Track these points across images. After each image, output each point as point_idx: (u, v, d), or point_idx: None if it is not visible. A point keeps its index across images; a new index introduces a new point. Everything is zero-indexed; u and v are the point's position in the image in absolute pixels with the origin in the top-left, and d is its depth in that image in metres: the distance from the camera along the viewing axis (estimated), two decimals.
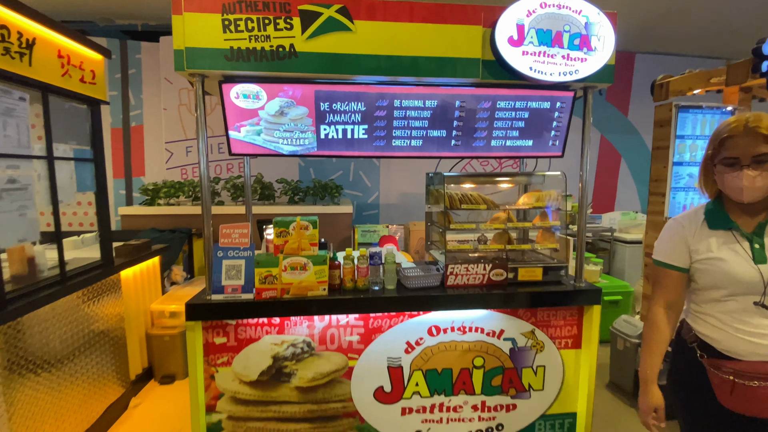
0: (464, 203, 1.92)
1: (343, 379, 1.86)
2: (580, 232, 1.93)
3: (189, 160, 4.99)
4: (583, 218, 1.93)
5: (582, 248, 1.94)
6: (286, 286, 1.73)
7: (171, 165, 4.99)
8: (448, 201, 1.91)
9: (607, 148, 5.85)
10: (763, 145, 1.05)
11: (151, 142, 5.05)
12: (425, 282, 1.88)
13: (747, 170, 1.06)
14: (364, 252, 1.84)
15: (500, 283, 1.91)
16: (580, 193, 1.93)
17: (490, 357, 1.92)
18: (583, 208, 1.92)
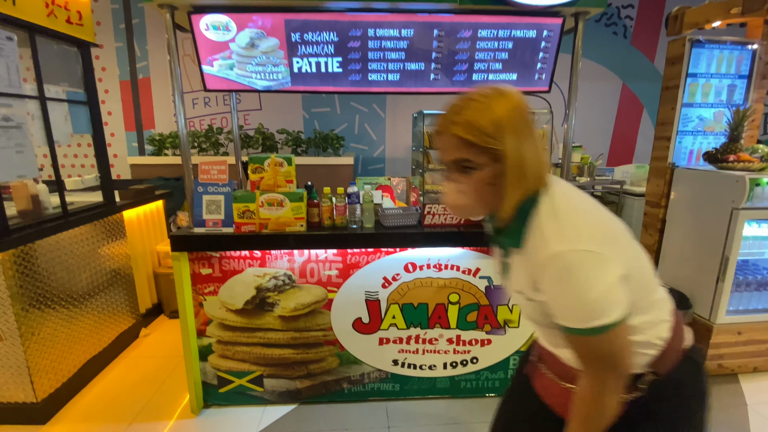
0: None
1: (324, 310, 1.96)
2: (565, 164, 1.88)
3: (196, 113, 5.04)
4: (567, 157, 1.86)
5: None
6: (264, 221, 1.79)
7: None
8: (427, 139, 1.88)
9: (629, 98, 5.50)
10: (460, 149, 0.76)
11: (159, 95, 5.09)
12: (402, 221, 1.90)
13: (445, 181, 0.83)
14: (341, 190, 1.87)
15: (477, 222, 1.91)
16: (565, 134, 1.85)
17: (466, 294, 1.97)
18: (568, 147, 1.85)
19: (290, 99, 4.88)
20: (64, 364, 2.10)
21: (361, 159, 5.16)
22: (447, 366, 2.07)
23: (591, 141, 5.23)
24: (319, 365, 2.03)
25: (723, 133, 2.49)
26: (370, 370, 2.05)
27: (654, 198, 2.72)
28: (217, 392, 2.05)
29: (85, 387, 2.23)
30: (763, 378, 2.32)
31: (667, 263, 2.62)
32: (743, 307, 2.36)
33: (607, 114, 5.47)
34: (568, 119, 1.83)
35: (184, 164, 1.81)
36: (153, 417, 2.01)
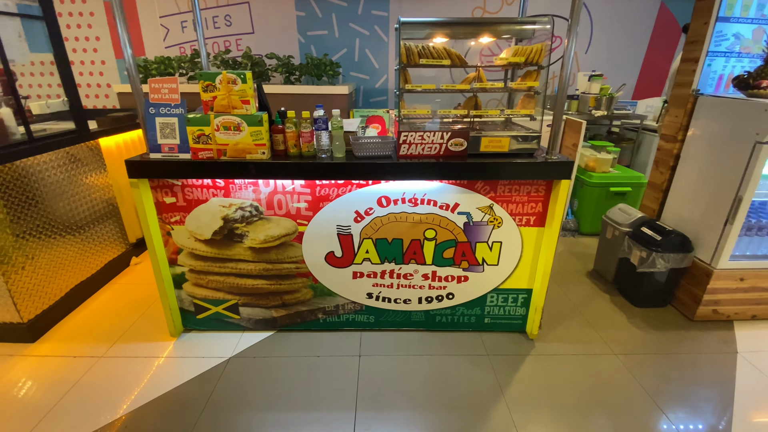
0: (424, 57, 1.64)
1: (295, 243, 1.90)
2: (561, 95, 1.64)
3: (186, 37, 4.71)
4: (564, 82, 1.60)
5: (559, 115, 1.66)
6: (222, 147, 1.66)
7: (169, 43, 4.75)
8: (405, 54, 1.64)
9: (666, 20, 4.81)
10: None
11: (145, 18, 4.74)
12: (375, 150, 1.73)
13: None
14: (306, 114, 1.69)
15: (459, 154, 1.73)
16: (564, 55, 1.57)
17: (443, 230, 1.86)
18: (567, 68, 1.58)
19: (284, 21, 4.47)
20: (49, 288, 2.16)
21: (362, 90, 4.84)
22: (422, 300, 2.03)
23: (617, 69, 4.70)
24: (293, 296, 2.02)
25: (761, 55, 2.13)
26: (345, 302, 2.04)
27: (670, 131, 2.44)
28: (195, 318, 2.09)
29: (74, 310, 2.32)
30: (760, 326, 2.22)
31: (674, 204, 2.42)
32: (751, 252, 2.19)
33: (638, 38, 4.83)
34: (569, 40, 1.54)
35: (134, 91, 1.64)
36: (135, 338, 2.08)
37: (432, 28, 1.71)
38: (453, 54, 1.64)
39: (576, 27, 1.53)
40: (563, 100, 1.63)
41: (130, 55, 1.62)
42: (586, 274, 2.79)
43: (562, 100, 1.63)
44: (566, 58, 1.55)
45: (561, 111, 1.65)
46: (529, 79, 1.72)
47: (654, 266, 2.20)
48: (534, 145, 1.75)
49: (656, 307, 2.40)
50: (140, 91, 1.66)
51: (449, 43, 1.74)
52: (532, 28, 1.78)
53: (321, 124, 1.68)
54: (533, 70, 1.73)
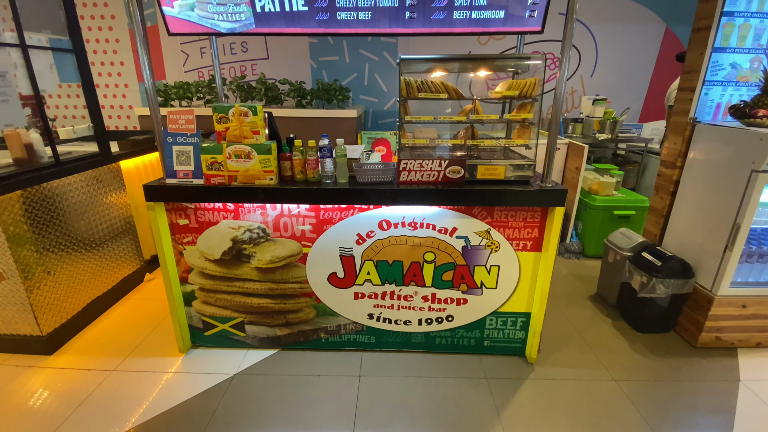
0: (423, 91, 1.74)
1: (299, 264, 1.98)
2: (553, 125, 1.71)
3: (205, 62, 4.96)
4: (558, 109, 1.68)
5: (552, 144, 1.73)
6: (233, 174, 1.77)
7: (188, 68, 5.00)
8: (405, 88, 1.75)
9: (671, 44, 4.88)
10: None
11: (167, 44, 5.02)
12: (377, 177, 1.82)
13: None
14: (312, 143, 1.80)
15: (456, 181, 1.81)
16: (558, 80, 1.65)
17: (442, 253, 1.92)
18: (559, 97, 1.66)
19: (297, 47, 4.69)
20: (68, 302, 2.28)
21: (371, 112, 4.99)
22: (422, 322, 2.08)
23: (622, 93, 4.76)
24: (297, 315, 2.09)
25: (758, 84, 2.18)
26: (346, 322, 2.09)
27: (670, 158, 2.48)
28: (203, 335, 2.17)
29: (90, 324, 2.43)
30: (764, 354, 2.20)
31: (675, 229, 2.44)
32: (753, 279, 2.19)
33: (644, 62, 4.89)
34: (561, 67, 1.63)
35: (153, 117, 1.78)
36: (147, 353, 2.17)
37: (430, 63, 1.82)
38: (450, 88, 1.74)
39: (567, 64, 1.61)
40: (556, 128, 1.70)
41: (151, 84, 1.76)
42: (589, 297, 2.80)
43: (555, 129, 1.71)
44: (558, 91, 1.63)
45: (554, 138, 1.72)
46: (523, 111, 1.80)
47: (654, 292, 2.21)
48: (529, 172, 1.82)
49: (658, 332, 2.40)
50: (159, 118, 1.79)
51: (448, 77, 1.84)
52: (526, 64, 1.87)
53: (326, 152, 1.79)
54: (527, 102, 1.81)
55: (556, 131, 1.71)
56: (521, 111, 1.82)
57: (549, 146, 1.73)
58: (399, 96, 1.77)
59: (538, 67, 1.78)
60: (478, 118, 1.78)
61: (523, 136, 1.84)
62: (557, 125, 1.70)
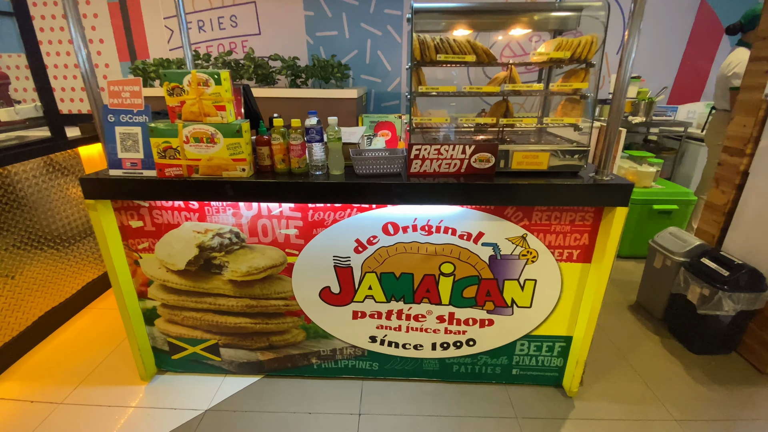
0: (443, 53, 1.31)
1: (283, 276, 1.58)
2: (615, 103, 1.28)
3: (191, 39, 4.50)
4: (622, 84, 1.25)
5: (614, 128, 1.30)
6: (193, 163, 1.36)
7: (173, 45, 4.55)
8: (418, 49, 1.31)
9: (706, 17, 4.35)
10: None
11: (150, 19, 4.56)
12: (381, 167, 1.41)
13: None
14: (297, 123, 1.38)
15: (485, 171, 1.39)
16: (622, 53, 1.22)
17: (463, 264, 1.51)
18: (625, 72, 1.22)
19: (292, 21, 4.21)
20: (14, 315, 1.90)
21: (373, 94, 4.53)
22: (436, 347, 1.69)
23: (651, 71, 4.27)
24: (282, 337, 1.70)
25: None
26: (343, 346, 1.71)
27: (736, 143, 2.04)
28: (170, 359, 1.79)
29: (43, 341, 2.06)
30: None
31: (741, 230, 2.01)
32: None
33: (676, 37, 4.37)
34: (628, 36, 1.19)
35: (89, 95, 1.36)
36: (104, 380, 1.80)
37: (452, 17, 1.38)
38: (479, 48, 1.31)
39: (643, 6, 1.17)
40: (621, 103, 1.27)
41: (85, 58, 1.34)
42: (628, 307, 2.40)
43: (619, 104, 1.27)
44: (627, 51, 1.20)
45: (618, 118, 1.29)
46: (574, 80, 1.36)
47: (719, 308, 1.81)
48: (580, 161, 1.39)
49: (718, 353, 2.00)
50: (97, 95, 1.38)
51: (472, 36, 1.40)
52: (577, 15, 1.42)
53: (314, 134, 1.37)
54: (580, 68, 1.37)
55: (620, 105, 1.27)
56: (571, 79, 1.38)
57: (609, 126, 1.31)
58: (410, 60, 1.34)
59: (595, 22, 1.34)
60: (514, 89, 1.34)
61: (572, 113, 1.41)
62: (622, 96, 1.27)
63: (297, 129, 1.37)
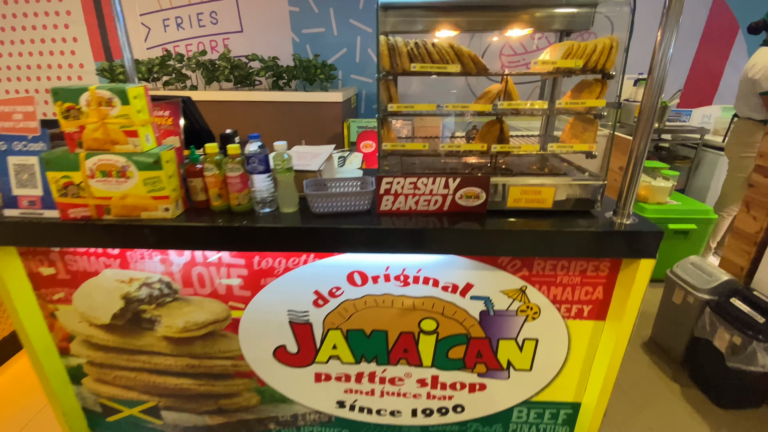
0: (419, 61, 1.02)
1: (228, 333, 1.30)
2: (643, 123, 0.99)
3: (169, 36, 4.21)
4: (652, 98, 0.96)
5: (640, 156, 1.01)
6: (103, 202, 1.07)
7: (151, 44, 4.26)
8: (387, 56, 1.02)
9: (721, 14, 4.02)
10: None
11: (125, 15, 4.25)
12: (342, 204, 1.12)
13: None
14: (234, 150, 1.08)
15: (474, 210, 1.10)
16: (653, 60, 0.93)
17: (448, 321, 1.23)
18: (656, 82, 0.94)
19: (276, 17, 3.91)
20: None
21: (364, 95, 4.23)
22: (417, 413, 1.40)
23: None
24: (233, 401, 1.42)
25: None
26: (306, 411, 1.42)
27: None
28: (104, 421, 1.51)
29: None
30: None
31: None
32: None
33: (688, 35, 4.05)
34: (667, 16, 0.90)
35: None
36: None
37: (431, 14, 1.08)
38: (465, 55, 1.01)
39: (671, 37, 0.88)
40: (650, 122, 0.98)
41: None
42: (642, 344, 2.11)
43: (648, 123, 0.98)
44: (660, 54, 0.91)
45: (645, 142, 1.00)
46: (587, 95, 1.07)
47: (753, 362, 1.52)
48: (594, 198, 1.10)
49: (748, 408, 1.72)
50: None
51: (459, 39, 1.11)
52: (590, 12, 1.12)
53: (256, 163, 1.08)
54: (595, 79, 1.08)
55: (649, 125, 0.98)
56: (583, 94, 1.09)
57: (632, 154, 1.01)
58: (378, 70, 1.05)
59: (615, 20, 1.05)
60: (512, 107, 1.05)
61: (584, 136, 1.12)
62: (652, 114, 0.97)
63: (235, 157, 1.08)
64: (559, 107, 1.05)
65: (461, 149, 1.13)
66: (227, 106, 3.46)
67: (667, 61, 0.94)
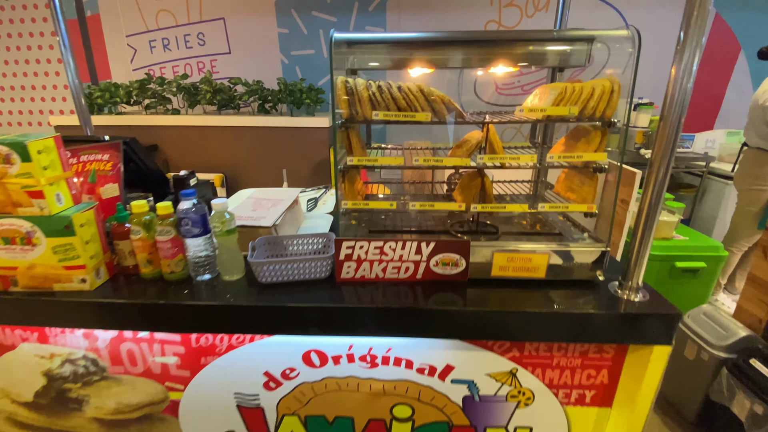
0: (381, 108, 0.85)
1: (167, 416, 1.10)
2: (657, 167, 0.81)
3: (156, 58, 4.11)
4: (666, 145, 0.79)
5: (651, 214, 0.84)
6: (8, 273, 0.89)
7: (137, 65, 4.17)
8: (344, 101, 0.86)
9: (721, 34, 3.91)
10: None
11: (111, 36, 4.19)
12: (295, 273, 0.94)
13: None
14: (165, 210, 0.91)
15: (452, 279, 0.92)
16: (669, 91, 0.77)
17: (426, 407, 1.03)
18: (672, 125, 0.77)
19: (265, 39, 3.82)
20: None
21: None
22: None
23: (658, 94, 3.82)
24: None
25: None
26: None
27: None
28: None
29: None
30: None
31: None
32: None
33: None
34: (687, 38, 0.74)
35: None
36: None
37: (397, 50, 0.92)
38: (437, 99, 0.84)
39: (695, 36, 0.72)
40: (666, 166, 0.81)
41: None
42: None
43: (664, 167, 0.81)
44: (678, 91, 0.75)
45: (659, 195, 0.82)
46: (584, 145, 0.90)
47: None
48: (595, 265, 0.92)
49: None
50: None
51: (432, 78, 0.95)
52: (586, 48, 0.96)
53: (189, 225, 0.90)
54: (594, 127, 0.91)
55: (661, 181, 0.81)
56: (579, 144, 0.92)
57: (642, 212, 0.84)
58: (333, 117, 0.88)
59: (616, 55, 0.89)
60: (494, 161, 0.88)
61: (583, 190, 0.95)
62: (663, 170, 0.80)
63: (166, 218, 0.91)
64: (550, 161, 0.88)
65: (435, 208, 0.95)
66: (210, 132, 3.33)
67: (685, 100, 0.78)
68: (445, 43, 0.93)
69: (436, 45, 0.93)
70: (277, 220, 1.08)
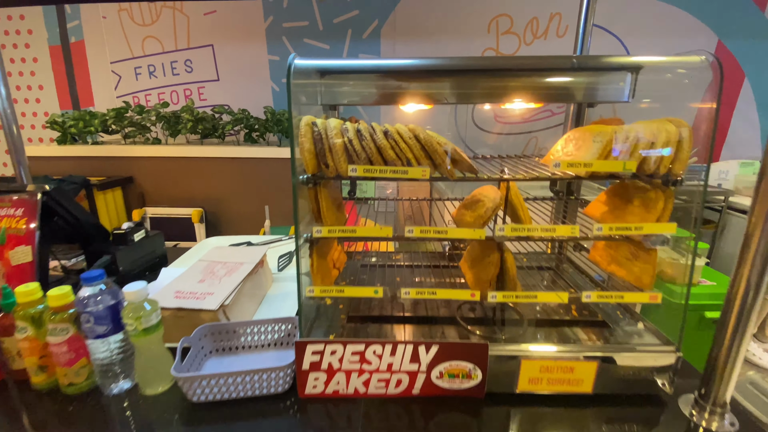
0: (360, 162, 0.61)
1: None
2: (753, 245, 0.57)
3: (141, 85, 3.95)
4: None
5: (754, 297, 0.59)
6: None
7: (121, 92, 4.00)
8: (311, 152, 0.61)
9: (725, 61, 3.77)
10: None
11: (95, 62, 4.04)
12: (239, 387, 0.67)
13: None
14: (61, 299, 0.64)
15: (463, 395, 0.65)
16: None
17: None
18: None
19: (255, 66, 3.67)
20: None
21: None
22: None
23: None
24: None
25: None
26: None
27: None
28: None
29: None
30: None
31: None
32: None
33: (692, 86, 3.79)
34: None
35: None
36: None
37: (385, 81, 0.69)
38: (438, 151, 0.60)
39: None
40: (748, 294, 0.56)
41: None
42: None
43: (763, 245, 0.56)
44: None
45: (756, 288, 0.57)
46: (640, 208, 0.66)
47: None
48: (661, 374, 0.66)
49: None
50: None
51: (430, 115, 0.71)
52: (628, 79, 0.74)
53: (92, 322, 0.63)
54: (654, 186, 0.67)
55: (765, 256, 0.56)
56: (632, 206, 0.68)
57: (738, 295, 0.59)
58: (293, 171, 0.63)
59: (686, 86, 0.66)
60: (518, 233, 0.62)
61: (636, 269, 0.70)
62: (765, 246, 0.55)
63: (59, 312, 0.64)
64: (599, 234, 0.63)
65: (437, 297, 0.69)
66: (191, 163, 3.11)
67: None
68: (444, 72, 0.70)
69: (434, 75, 0.70)
70: (227, 299, 0.81)
